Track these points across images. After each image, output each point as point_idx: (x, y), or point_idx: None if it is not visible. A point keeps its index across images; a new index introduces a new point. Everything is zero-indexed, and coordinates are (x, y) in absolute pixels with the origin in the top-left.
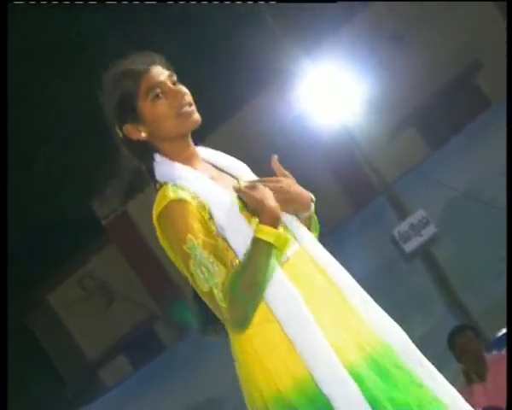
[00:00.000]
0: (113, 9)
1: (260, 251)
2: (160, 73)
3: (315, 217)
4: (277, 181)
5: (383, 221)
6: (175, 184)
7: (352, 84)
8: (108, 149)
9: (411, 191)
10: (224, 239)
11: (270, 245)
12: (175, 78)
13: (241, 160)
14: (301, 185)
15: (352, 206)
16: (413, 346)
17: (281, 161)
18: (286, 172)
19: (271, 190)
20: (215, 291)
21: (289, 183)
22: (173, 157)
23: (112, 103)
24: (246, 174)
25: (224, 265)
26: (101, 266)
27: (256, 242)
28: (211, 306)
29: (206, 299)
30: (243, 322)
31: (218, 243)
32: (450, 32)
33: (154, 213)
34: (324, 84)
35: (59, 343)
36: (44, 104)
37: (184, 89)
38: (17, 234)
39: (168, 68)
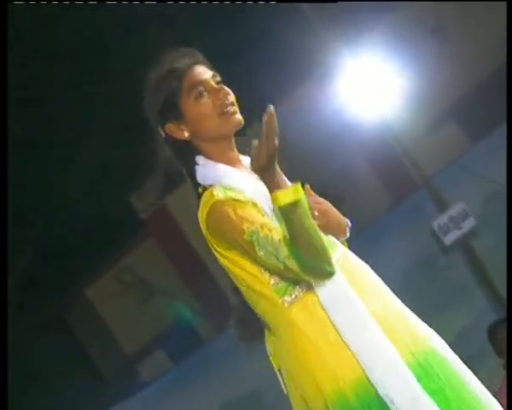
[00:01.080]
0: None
1: (293, 217)
2: (204, 71)
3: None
4: (321, 203)
5: (423, 214)
6: (221, 185)
7: (392, 76)
8: (147, 143)
9: (451, 184)
10: None
11: (295, 204)
12: (219, 78)
13: (280, 152)
14: (340, 178)
15: (392, 199)
16: (454, 354)
17: (320, 154)
18: (322, 200)
19: (317, 210)
20: (289, 264)
21: (329, 207)
22: (216, 158)
23: (155, 102)
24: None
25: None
26: (139, 260)
27: (283, 211)
28: (293, 277)
29: (285, 275)
30: (328, 272)
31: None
32: (491, 23)
33: (201, 215)
34: (364, 76)
35: (97, 338)
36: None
37: (227, 89)
38: (56, 228)
39: (211, 68)
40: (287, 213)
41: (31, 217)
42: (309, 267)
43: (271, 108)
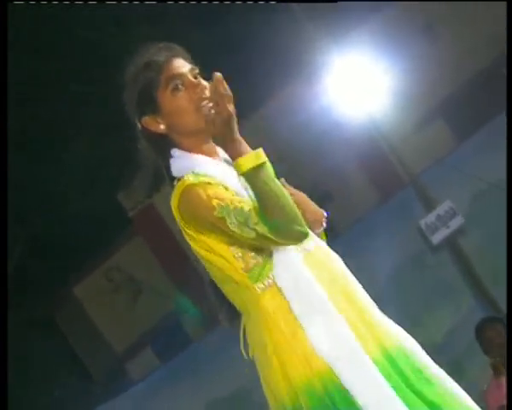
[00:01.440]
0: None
1: (257, 180)
2: (182, 65)
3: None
4: (295, 194)
5: (410, 212)
6: (194, 172)
7: (380, 75)
8: (134, 141)
9: (438, 182)
10: None
11: (258, 168)
12: (197, 71)
13: (269, 150)
14: (328, 176)
15: (379, 197)
16: (424, 353)
17: (308, 152)
18: (296, 191)
19: None
20: (259, 230)
21: (303, 198)
22: (193, 151)
23: (132, 94)
24: None
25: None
26: (127, 259)
27: (247, 176)
28: (268, 245)
29: (260, 243)
30: (300, 232)
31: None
32: (480, 21)
33: (173, 201)
34: (352, 75)
35: (85, 336)
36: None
37: (205, 83)
38: (45, 227)
39: (190, 62)
40: (250, 178)
41: (19, 215)
42: (280, 230)
43: (218, 74)
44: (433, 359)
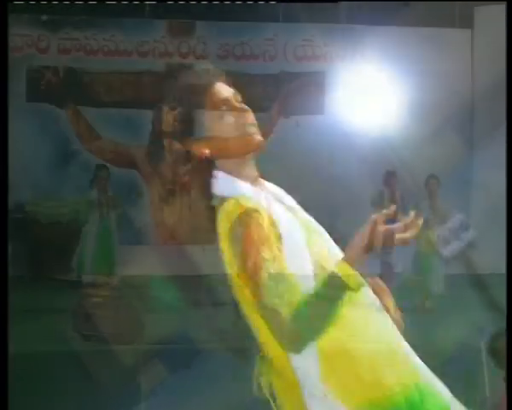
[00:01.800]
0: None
1: (337, 288)
2: (226, 90)
3: None
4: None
5: (422, 225)
6: (243, 196)
7: (389, 86)
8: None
9: (451, 195)
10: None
11: (347, 286)
12: (239, 97)
13: (278, 163)
14: (338, 189)
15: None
16: None
17: (317, 165)
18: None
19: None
20: (280, 309)
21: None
22: (234, 175)
23: (175, 117)
24: (298, 209)
25: (293, 284)
26: (136, 270)
27: (336, 278)
28: (270, 321)
29: (267, 313)
30: (301, 347)
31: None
32: (492, 30)
33: (225, 223)
34: (361, 87)
35: (94, 349)
36: None
37: (248, 108)
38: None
39: (231, 85)
40: (338, 284)
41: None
42: (300, 326)
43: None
44: (444, 371)
